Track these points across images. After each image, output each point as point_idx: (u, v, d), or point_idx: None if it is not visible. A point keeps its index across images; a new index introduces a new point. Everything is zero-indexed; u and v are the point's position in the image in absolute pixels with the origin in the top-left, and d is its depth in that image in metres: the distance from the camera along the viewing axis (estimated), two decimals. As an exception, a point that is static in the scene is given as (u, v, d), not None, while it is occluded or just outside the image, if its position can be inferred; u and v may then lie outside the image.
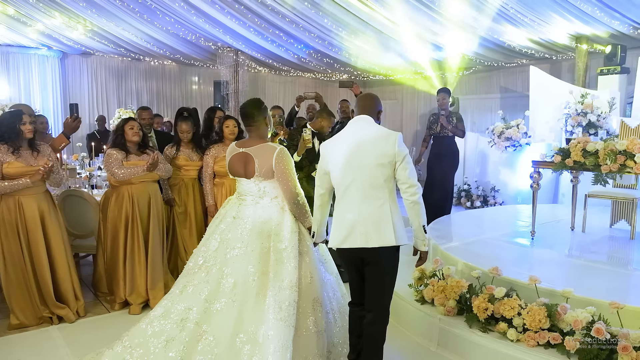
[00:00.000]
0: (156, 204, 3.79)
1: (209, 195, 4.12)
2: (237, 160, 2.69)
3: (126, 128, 3.74)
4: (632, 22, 6.46)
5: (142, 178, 3.67)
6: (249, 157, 2.63)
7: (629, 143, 3.53)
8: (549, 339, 2.64)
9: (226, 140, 4.16)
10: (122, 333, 3.18)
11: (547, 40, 7.49)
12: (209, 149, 4.14)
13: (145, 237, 3.71)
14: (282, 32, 7.82)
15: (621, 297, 2.69)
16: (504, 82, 10.07)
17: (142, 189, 3.71)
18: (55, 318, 3.41)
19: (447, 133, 5.75)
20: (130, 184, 3.67)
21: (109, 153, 3.67)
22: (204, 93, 11.07)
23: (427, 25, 7.16)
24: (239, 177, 2.73)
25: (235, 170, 2.73)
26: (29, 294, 3.34)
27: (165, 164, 3.89)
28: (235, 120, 4.23)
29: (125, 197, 3.68)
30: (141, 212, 3.70)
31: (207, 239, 2.69)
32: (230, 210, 2.72)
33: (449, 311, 3.09)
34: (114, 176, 3.64)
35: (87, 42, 8.51)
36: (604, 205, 4.99)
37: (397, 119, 12.57)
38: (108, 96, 9.89)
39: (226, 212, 2.75)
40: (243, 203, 2.68)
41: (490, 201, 7.33)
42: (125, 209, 3.67)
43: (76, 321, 3.47)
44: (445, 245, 4.07)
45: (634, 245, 4.25)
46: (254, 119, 2.68)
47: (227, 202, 2.88)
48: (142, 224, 3.70)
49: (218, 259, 2.53)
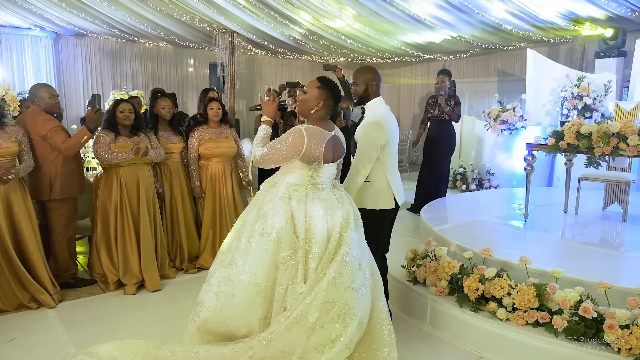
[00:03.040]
0: (146, 187, 3.75)
1: (194, 176, 4.15)
2: (330, 144, 2.41)
3: (117, 111, 3.71)
4: (630, 4, 6.40)
5: (131, 161, 3.64)
6: (337, 139, 2.48)
7: (622, 125, 3.54)
8: (538, 318, 2.68)
9: (210, 122, 4.17)
10: (116, 313, 3.23)
11: (545, 21, 7.43)
12: (194, 131, 4.14)
13: (135, 220, 3.70)
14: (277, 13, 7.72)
15: (611, 278, 2.73)
16: (501, 66, 10.03)
17: (130, 172, 3.69)
18: (34, 303, 3.32)
19: (445, 117, 5.73)
20: (119, 166, 3.66)
21: (97, 135, 3.66)
22: (199, 75, 10.97)
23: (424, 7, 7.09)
24: (328, 163, 2.43)
25: (328, 156, 2.40)
26: (5, 279, 3.24)
27: (158, 149, 3.86)
28: (219, 102, 4.22)
29: (114, 180, 3.66)
30: (130, 195, 3.68)
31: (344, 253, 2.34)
32: (335, 215, 2.36)
33: (440, 291, 3.13)
34: (99, 159, 3.65)
35: (80, 23, 8.39)
36: (598, 188, 5.02)
37: (395, 102, 12.52)
38: (103, 78, 9.79)
39: (333, 221, 2.35)
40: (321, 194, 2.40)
41: (486, 184, 7.35)
42: (113, 191, 3.66)
43: (73, 301, 3.49)
44: (438, 227, 4.10)
45: (626, 228, 4.29)
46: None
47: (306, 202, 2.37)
48: (132, 206, 3.69)
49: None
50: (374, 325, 2.37)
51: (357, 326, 2.25)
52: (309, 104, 2.42)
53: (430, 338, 3.03)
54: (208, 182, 4.18)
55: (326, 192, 2.41)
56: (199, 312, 2.39)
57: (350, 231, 2.35)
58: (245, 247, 2.33)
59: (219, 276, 2.36)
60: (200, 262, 4.18)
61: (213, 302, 2.34)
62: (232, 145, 4.24)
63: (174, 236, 4.15)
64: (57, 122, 3.53)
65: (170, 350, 2.33)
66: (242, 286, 2.28)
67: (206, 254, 4.18)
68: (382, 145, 2.72)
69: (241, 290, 2.28)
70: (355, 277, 2.28)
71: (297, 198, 2.33)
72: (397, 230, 2.50)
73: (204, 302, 2.38)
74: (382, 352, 2.33)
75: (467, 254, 3.21)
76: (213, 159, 4.19)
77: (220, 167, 4.20)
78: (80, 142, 3.45)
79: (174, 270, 4.05)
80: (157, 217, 3.88)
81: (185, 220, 4.17)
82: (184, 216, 4.16)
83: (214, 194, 4.18)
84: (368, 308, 2.35)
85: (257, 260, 2.28)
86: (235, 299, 2.29)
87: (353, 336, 2.24)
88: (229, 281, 2.32)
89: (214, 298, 2.34)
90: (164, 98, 4.13)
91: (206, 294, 2.39)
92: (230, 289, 2.30)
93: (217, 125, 4.19)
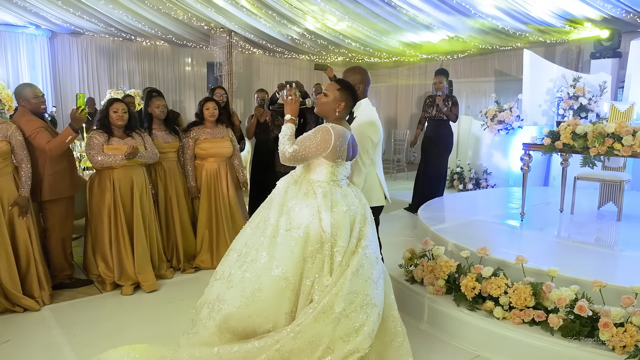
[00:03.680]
0: (139, 188, 3.71)
1: (190, 176, 4.16)
2: (350, 143, 2.54)
3: (110, 111, 3.66)
4: (625, 5, 6.44)
5: (125, 163, 3.60)
6: (354, 139, 2.61)
7: (617, 126, 3.56)
8: (534, 316, 2.69)
9: (206, 122, 4.20)
10: (113, 313, 3.21)
11: (541, 22, 7.46)
12: (190, 131, 4.17)
13: (129, 222, 3.67)
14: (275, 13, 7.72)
15: (606, 277, 2.74)
16: (498, 66, 10.06)
17: (124, 173, 3.65)
18: (19, 307, 3.26)
19: (442, 117, 5.75)
20: (112, 168, 3.62)
21: (90, 136, 3.62)
22: (197, 74, 10.97)
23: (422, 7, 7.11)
24: (348, 160, 2.54)
25: (349, 153, 2.53)
26: None
27: (152, 149, 3.82)
28: (215, 102, 4.23)
29: (107, 182, 3.64)
30: (123, 197, 3.65)
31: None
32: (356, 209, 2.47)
33: (437, 290, 3.14)
34: (91, 162, 3.61)
35: (76, 21, 8.36)
36: (593, 187, 5.05)
37: (393, 102, 12.55)
38: (99, 77, 9.77)
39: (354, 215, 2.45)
40: (342, 190, 2.49)
41: (483, 184, 7.38)
42: (107, 194, 3.63)
43: (69, 301, 3.48)
44: (435, 227, 4.11)
45: (621, 227, 4.32)
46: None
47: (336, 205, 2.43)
48: (125, 208, 3.66)
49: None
50: (386, 317, 2.46)
51: (377, 316, 2.34)
52: (331, 106, 2.52)
53: (428, 337, 3.05)
54: (204, 182, 4.18)
55: (344, 188, 2.51)
56: (219, 310, 2.37)
57: (368, 225, 2.48)
58: (270, 242, 2.36)
59: (242, 272, 2.36)
60: (197, 262, 4.17)
61: (237, 299, 2.33)
62: (228, 146, 4.25)
63: (170, 236, 4.14)
64: (40, 123, 3.44)
65: (187, 353, 2.32)
66: (271, 281, 2.29)
67: (203, 253, 4.18)
68: (376, 144, 2.87)
69: (270, 284, 2.29)
70: (374, 269, 2.39)
71: (322, 194, 2.41)
72: (394, 229, 2.54)
73: (226, 299, 2.36)
74: (396, 341, 2.44)
75: (464, 253, 3.23)
76: (209, 159, 4.19)
77: (215, 167, 4.20)
78: (64, 142, 3.39)
79: (172, 270, 4.04)
80: (152, 219, 3.85)
81: (181, 220, 4.16)
82: (179, 216, 4.15)
83: (209, 194, 4.18)
84: (383, 299, 2.44)
85: (286, 255, 2.32)
86: (262, 294, 2.30)
87: (375, 325, 2.32)
88: (256, 277, 2.32)
89: (239, 294, 2.32)
90: (159, 97, 4.12)
91: (227, 290, 2.37)
92: (257, 284, 2.30)
93: (213, 125, 4.21)
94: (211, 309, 2.40)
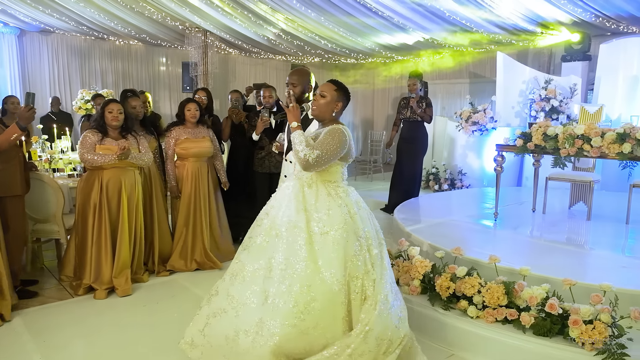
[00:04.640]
0: (128, 191, 3.63)
1: (171, 176, 4.15)
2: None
3: (105, 111, 3.61)
4: (594, 9, 6.63)
5: (115, 164, 3.54)
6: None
7: (587, 127, 3.66)
8: (507, 315, 2.74)
9: (187, 123, 4.20)
10: (85, 317, 3.12)
11: (514, 25, 7.61)
12: (170, 131, 4.18)
13: (113, 225, 3.60)
14: (250, 13, 7.67)
15: (576, 275, 2.81)
16: (473, 68, 10.23)
17: (113, 174, 3.58)
18: None
19: (417, 118, 5.81)
20: (102, 168, 3.56)
21: (84, 135, 3.58)
22: (172, 74, 10.79)
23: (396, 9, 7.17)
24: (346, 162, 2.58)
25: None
26: None
27: (146, 153, 3.74)
28: (197, 104, 4.21)
29: (95, 183, 3.57)
30: (110, 198, 3.58)
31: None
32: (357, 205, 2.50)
33: (413, 290, 3.16)
34: (81, 160, 3.58)
35: (46, 19, 8.12)
36: (564, 187, 5.18)
37: (369, 104, 12.62)
38: (70, 76, 9.51)
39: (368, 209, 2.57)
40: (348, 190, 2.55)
41: (458, 184, 7.49)
42: (93, 194, 3.56)
43: (39, 306, 3.37)
44: (411, 227, 4.15)
45: (590, 226, 4.45)
46: None
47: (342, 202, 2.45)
48: (110, 210, 3.58)
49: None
50: None
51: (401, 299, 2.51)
52: (329, 106, 2.51)
53: (403, 337, 3.06)
54: (184, 182, 4.15)
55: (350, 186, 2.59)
56: (271, 334, 2.18)
57: (374, 219, 2.57)
58: (309, 249, 2.28)
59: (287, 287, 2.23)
60: (172, 263, 4.12)
61: (289, 317, 2.18)
62: (209, 146, 4.24)
63: (147, 238, 4.07)
64: None
65: None
66: (323, 289, 2.22)
67: (176, 254, 4.14)
68: None
69: (322, 293, 2.22)
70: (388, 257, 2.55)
71: (343, 192, 2.46)
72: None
73: (266, 324, 2.20)
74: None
75: (438, 253, 3.26)
76: (189, 158, 4.18)
77: (196, 166, 4.18)
78: (9, 139, 3.24)
79: (147, 274, 3.97)
80: (139, 223, 3.77)
81: (158, 221, 4.10)
82: (157, 217, 4.08)
83: (189, 194, 4.15)
84: None
85: (331, 258, 2.28)
86: (316, 304, 2.20)
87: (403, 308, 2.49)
88: (306, 287, 2.22)
89: (289, 312, 2.18)
90: (135, 97, 4.06)
91: (271, 311, 2.21)
92: (309, 295, 2.21)
93: (193, 125, 4.21)
94: (254, 336, 2.22)
